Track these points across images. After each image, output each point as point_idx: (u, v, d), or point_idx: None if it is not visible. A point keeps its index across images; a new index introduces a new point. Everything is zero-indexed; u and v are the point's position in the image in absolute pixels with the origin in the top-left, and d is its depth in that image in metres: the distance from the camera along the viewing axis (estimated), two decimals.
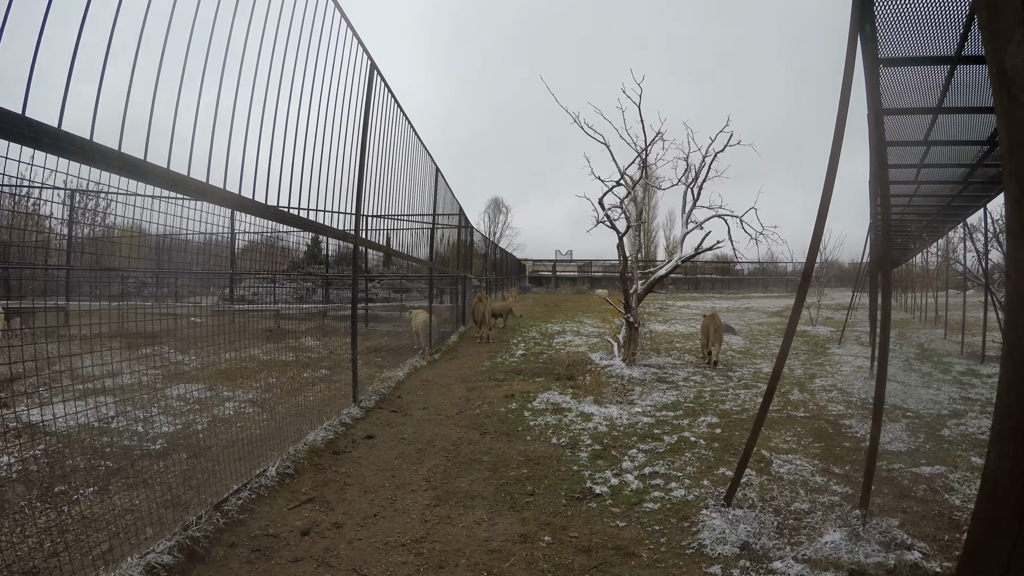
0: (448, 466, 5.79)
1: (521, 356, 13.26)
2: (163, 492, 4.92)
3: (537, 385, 9.48)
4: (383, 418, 7.64)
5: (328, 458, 6.08)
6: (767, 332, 19.15)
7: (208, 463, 5.57)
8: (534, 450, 6.20)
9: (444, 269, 16.93)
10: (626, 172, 11.19)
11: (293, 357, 11.91)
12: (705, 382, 9.94)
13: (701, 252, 11.77)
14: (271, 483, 5.27)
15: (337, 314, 20.62)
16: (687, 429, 6.96)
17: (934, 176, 9.87)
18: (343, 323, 19.25)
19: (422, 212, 12.40)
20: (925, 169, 9.29)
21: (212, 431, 6.82)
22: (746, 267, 61.68)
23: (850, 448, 6.29)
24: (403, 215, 10.78)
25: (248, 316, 14.07)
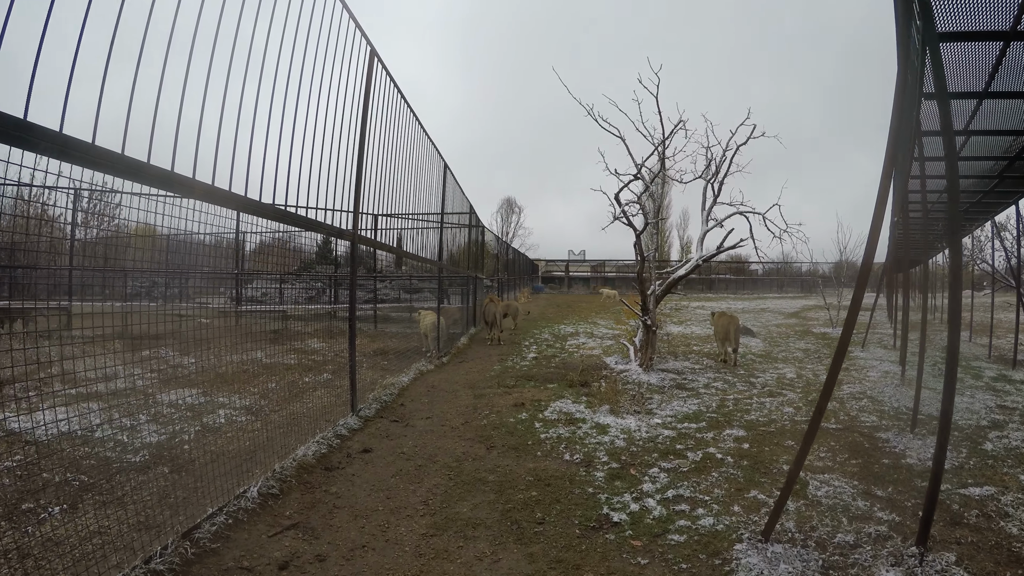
0: (449, 486, 5.25)
1: (533, 360, 12.72)
2: (137, 512, 4.45)
3: (549, 392, 8.92)
4: (383, 429, 7.12)
5: (319, 475, 5.57)
6: (786, 334, 18.50)
7: (190, 479, 5.14)
8: (545, 468, 5.64)
9: (453, 269, 16.42)
10: (644, 164, 10.61)
11: (296, 360, 11.41)
12: (727, 389, 9.35)
13: (723, 251, 11.17)
14: (252, 505, 4.78)
15: (346, 315, 20.18)
16: (712, 444, 6.38)
17: (967, 170, 9.24)
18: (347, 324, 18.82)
19: (429, 210, 11.86)
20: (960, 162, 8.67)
21: (199, 442, 6.36)
22: (760, 267, 60.97)
23: (890, 466, 5.70)
24: (409, 214, 10.27)
25: (254, 317, 13.73)
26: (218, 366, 8.49)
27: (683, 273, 11.36)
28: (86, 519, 4.30)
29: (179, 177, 3.73)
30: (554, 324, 21.27)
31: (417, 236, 12.86)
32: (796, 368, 11.56)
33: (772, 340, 16.75)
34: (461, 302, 18.34)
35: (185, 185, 3.85)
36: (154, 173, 3.49)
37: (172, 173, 3.66)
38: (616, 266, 62.34)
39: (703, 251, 11.52)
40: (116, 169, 3.24)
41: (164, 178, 3.59)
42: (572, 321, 22.67)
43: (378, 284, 22.48)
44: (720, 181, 11.29)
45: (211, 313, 13.84)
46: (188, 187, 3.90)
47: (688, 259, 11.93)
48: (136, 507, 4.54)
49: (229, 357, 8.81)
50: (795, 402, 8.44)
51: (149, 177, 3.48)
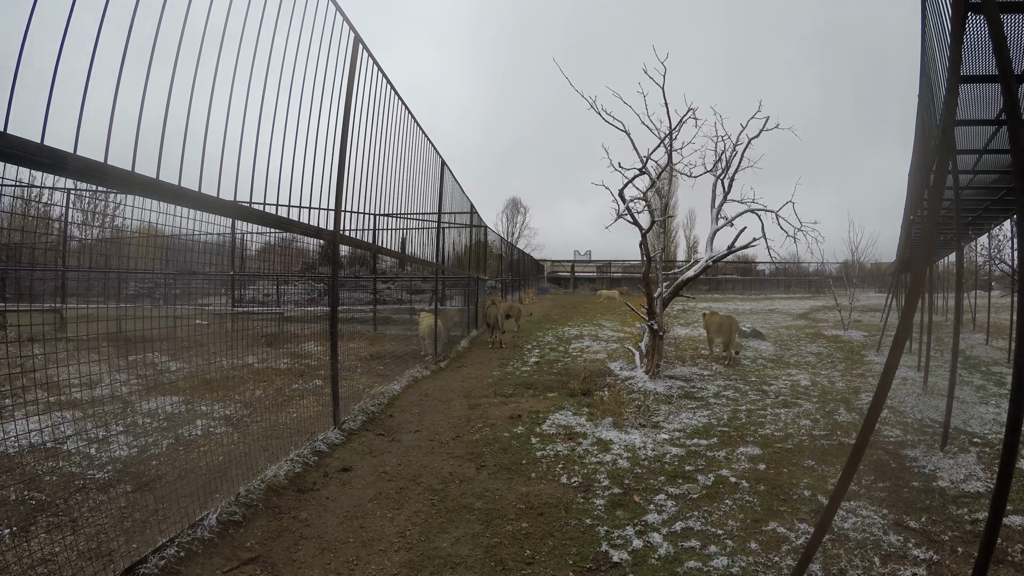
0: (431, 515, 4.70)
1: (534, 364, 12.17)
2: (90, 537, 4.05)
3: (548, 403, 8.36)
4: (366, 444, 6.57)
5: (290, 498, 5.04)
6: (796, 337, 17.86)
7: (151, 499, 4.77)
8: (538, 493, 5.07)
9: (452, 270, 15.89)
10: (650, 157, 10.00)
11: (288, 365, 10.88)
12: (739, 399, 8.77)
13: (735, 250, 10.57)
14: (210, 535, 4.25)
15: (347, 317, 19.75)
16: (724, 465, 5.78)
17: (995, 164, 8.65)
18: (350, 327, 18.36)
19: (425, 209, 11.32)
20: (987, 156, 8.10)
21: (169, 457, 5.90)
22: (768, 267, 60.33)
23: (921, 489, 5.11)
24: (402, 213, 9.73)
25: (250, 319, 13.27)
26: (206, 371, 8.11)
27: (692, 274, 10.78)
28: (34, 544, 3.91)
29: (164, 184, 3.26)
30: (558, 326, 20.71)
31: (415, 236, 12.35)
32: (810, 374, 10.95)
33: (783, 343, 16.13)
34: (463, 304, 17.84)
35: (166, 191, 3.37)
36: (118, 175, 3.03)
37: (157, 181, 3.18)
38: (622, 266, 61.73)
39: (712, 251, 10.93)
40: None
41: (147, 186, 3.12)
42: (577, 323, 22.10)
43: (378, 285, 21.98)
44: (731, 177, 10.73)
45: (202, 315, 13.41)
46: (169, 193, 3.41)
47: (696, 259, 11.35)
48: (90, 531, 4.15)
49: (218, 362, 8.39)
50: (812, 413, 7.85)
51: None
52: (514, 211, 73.45)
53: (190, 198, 4.06)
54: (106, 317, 4.83)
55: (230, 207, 4.61)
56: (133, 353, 10.25)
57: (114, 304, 13.27)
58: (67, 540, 4.00)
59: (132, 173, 3.45)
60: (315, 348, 13.40)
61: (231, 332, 10.52)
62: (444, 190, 12.69)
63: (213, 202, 4.36)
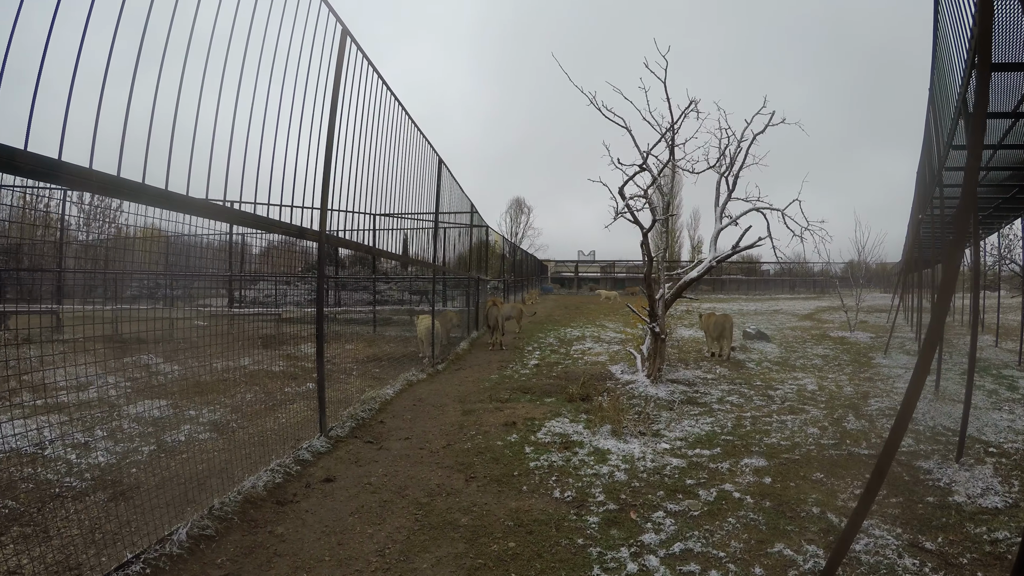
0: (413, 531, 4.41)
1: (534, 367, 11.88)
2: (59, 549, 3.87)
3: (545, 409, 8.06)
4: (353, 452, 6.29)
5: (268, 510, 4.77)
6: (802, 338, 17.50)
7: (127, 510, 4.53)
8: (529, 509, 4.77)
9: (450, 270, 15.61)
10: (650, 152, 9.65)
11: (282, 367, 10.62)
12: (743, 404, 8.45)
13: (739, 251, 10.24)
14: (179, 551, 3.99)
15: (346, 317, 19.53)
16: (728, 478, 5.45)
17: (1008, 160, 8.33)
18: (350, 328, 18.13)
19: (422, 209, 11.03)
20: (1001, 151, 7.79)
21: (151, 464, 5.65)
22: (772, 267, 59.98)
23: (936, 505, 4.79)
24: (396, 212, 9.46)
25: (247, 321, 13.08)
26: (198, 374, 7.92)
27: (696, 275, 10.45)
28: (1, 555, 3.71)
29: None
30: (561, 327, 20.41)
31: (412, 237, 12.08)
32: (816, 378, 10.63)
33: (788, 345, 15.79)
34: (464, 305, 17.57)
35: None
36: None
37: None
38: (626, 267, 61.43)
39: (716, 251, 10.60)
40: None
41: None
42: (579, 324, 21.80)
43: (377, 286, 21.74)
44: (735, 174, 10.40)
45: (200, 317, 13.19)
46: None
47: (700, 259, 11.03)
48: (60, 543, 3.97)
49: (212, 364, 8.19)
50: (819, 420, 7.52)
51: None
52: (518, 211, 73.23)
53: (152, 195, 3.78)
54: (101, 319, 4.67)
55: (200, 205, 4.33)
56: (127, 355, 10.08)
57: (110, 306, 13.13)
58: (37, 551, 3.82)
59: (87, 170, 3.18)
60: (311, 350, 13.18)
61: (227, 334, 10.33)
62: (442, 189, 12.40)
63: (180, 200, 4.08)
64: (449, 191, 13.48)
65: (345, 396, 8.60)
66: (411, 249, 12.75)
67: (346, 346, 14.87)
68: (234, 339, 10.00)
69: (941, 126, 8.17)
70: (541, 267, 58.81)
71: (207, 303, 17.29)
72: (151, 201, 3.85)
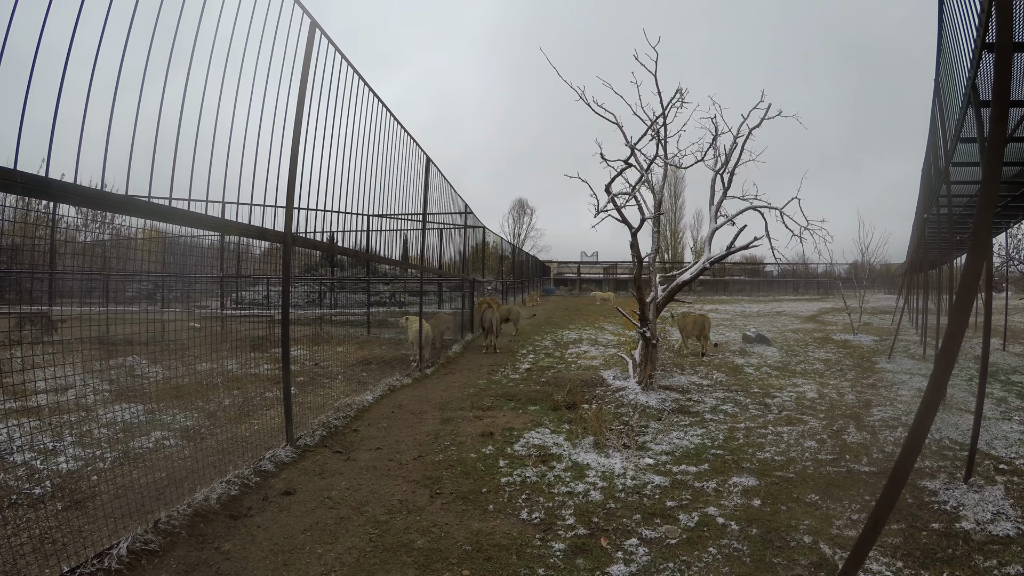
0: (365, 552, 4.06)
1: (525, 372, 11.53)
2: (6, 560, 3.64)
3: (527, 418, 7.69)
4: (319, 463, 5.95)
5: (220, 524, 4.47)
6: (804, 341, 17.10)
7: (81, 517, 4.40)
8: (491, 531, 4.39)
9: (438, 271, 15.30)
10: (637, 147, 9.27)
11: (268, 369, 10.32)
12: (738, 413, 8.07)
13: (733, 252, 9.84)
14: (117, 566, 3.71)
15: (341, 319, 19.28)
16: (713, 500, 5.02)
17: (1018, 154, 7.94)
18: (344, 329, 17.86)
19: (408, 209, 10.70)
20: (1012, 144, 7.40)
21: (114, 471, 5.41)
22: (776, 268, 59.54)
23: (942, 533, 4.36)
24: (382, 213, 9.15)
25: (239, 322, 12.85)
26: (181, 376, 7.67)
27: (688, 277, 10.07)
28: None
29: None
30: (559, 329, 20.06)
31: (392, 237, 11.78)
32: (817, 384, 10.24)
33: (789, 348, 15.39)
34: (459, 307, 17.26)
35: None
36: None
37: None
38: (629, 268, 60.92)
39: (710, 251, 10.21)
40: None
41: None
42: (578, 326, 21.45)
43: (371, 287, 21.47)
44: (730, 172, 10.02)
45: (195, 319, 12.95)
46: None
47: (696, 262, 10.67)
48: (7, 553, 3.71)
49: (197, 367, 7.95)
50: (818, 432, 7.13)
51: None
52: (520, 212, 72.97)
53: (88, 197, 3.48)
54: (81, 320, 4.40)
55: (142, 206, 4.01)
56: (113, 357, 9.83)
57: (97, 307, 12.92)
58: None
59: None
60: (300, 352, 12.90)
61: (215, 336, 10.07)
62: (431, 189, 12.07)
63: (118, 201, 3.77)
64: (439, 191, 13.14)
65: (324, 402, 8.30)
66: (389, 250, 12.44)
67: (337, 348, 14.60)
68: (221, 341, 9.75)
69: (948, 118, 7.80)
70: (543, 268, 58.48)
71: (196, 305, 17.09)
72: (81, 202, 3.54)
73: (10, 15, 2.90)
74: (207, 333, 10.44)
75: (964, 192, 10.54)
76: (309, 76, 6.15)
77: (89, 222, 12.33)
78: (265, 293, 19.12)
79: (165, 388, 7.76)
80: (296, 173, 6.06)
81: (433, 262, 14.57)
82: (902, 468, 2.43)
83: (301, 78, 6.07)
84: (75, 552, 3.72)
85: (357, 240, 18.14)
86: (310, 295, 21.07)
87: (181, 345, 8.98)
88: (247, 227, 5.33)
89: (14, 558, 3.66)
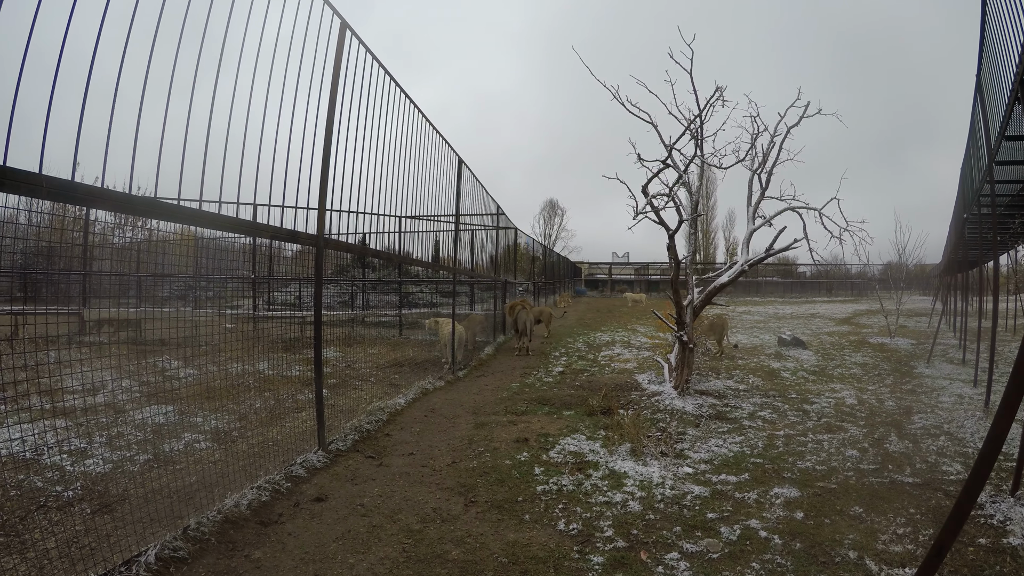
0: (398, 563, 3.97)
1: (558, 375, 11.40)
2: (32, 563, 3.68)
3: (563, 423, 7.56)
4: (351, 468, 5.89)
5: (250, 531, 4.41)
6: (839, 344, 16.70)
7: (110, 522, 4.36)
8: (528, 542, 4.28)
9: (472, 273, 15.21)
10: (674, 146, 9.06)
11: (300, 372, 10.33)
12: (776, 420, 7.85)
13: (773, 254, 9.60)
14: (145, 574, 3.67)
15: (374, 320, 19.31)
16: (755, 511, 4.85)
17: None
18: (375, 330, 17.87)
19: (440, 211, 10.63)
20: None
21: (144, 473, 5.41)
22: (808, 269, 58.51)
23: (989, 549, 4.13)
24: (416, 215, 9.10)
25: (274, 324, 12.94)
26: (215, 378, 7.67)
27: (726, 280, 9.84)
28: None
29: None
30: (591, 331, 19.89)
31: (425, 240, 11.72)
32: (855, 390, 9.94)
33: (825, 352, 15.04)
34: (491, 309, 17.18)
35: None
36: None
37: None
38: (660, 269, 60.38)
39: (748, 253, 9.97)
40: None
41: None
42: (610, 328, 21.25)
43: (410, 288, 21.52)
44: (768, 171, 9.78)
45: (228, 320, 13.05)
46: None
47: (734, 263, 10.42)
48: (35, 556, 3.77)
49: (229, 368, 7.96)
50: (859, 441, 6.90)
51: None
52: (551, 213, 72.76)
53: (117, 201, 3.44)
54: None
55: (171, 210, 3.96)
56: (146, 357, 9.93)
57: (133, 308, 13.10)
58: (9, 564, 3.66)
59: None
60: (332, 353, 12.89)
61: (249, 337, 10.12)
62: (463, 190, 11.99)
63: (147, 204, 3.74)
64: (471, 192, 13.07)
65: (356, 405, 8.26)
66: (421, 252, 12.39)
67: (370, 350, 14.59)
68: (255, 342, 9.79)
69: (991, 115, 7.49)
70: (574, 269, 58.24)
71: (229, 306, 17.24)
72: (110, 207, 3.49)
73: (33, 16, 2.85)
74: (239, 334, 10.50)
75: (1007, 192, 10.15)
76: (340, 77, 6.10)
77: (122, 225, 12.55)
78: (297, 294, 19.25)
79: (197, 389, 7.77)
80: (328, 175, 6.01)
81: (465, 263, 14.49)
82: (970, 490, 2.27)
83: (332, 79, 6.02)
84: (103, 558, 3.68)
85: (388, 241, 18.20)
86: (341, 296, 21.14)
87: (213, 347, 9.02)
88: (279, 230, 5.28)
89: (41, 563, 3.65)
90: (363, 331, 17.92)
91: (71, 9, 3.08)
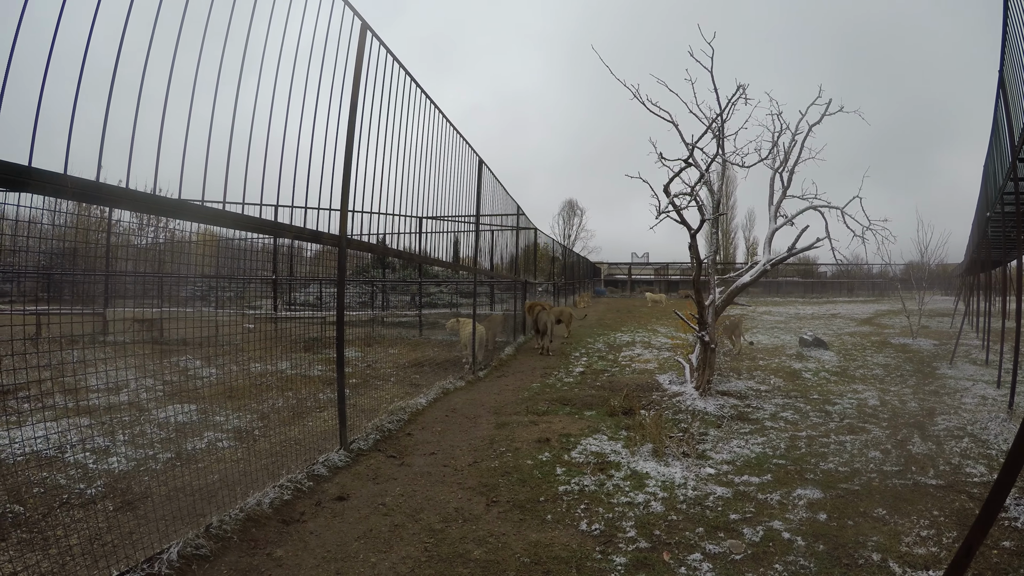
0: (420, 562, 3.98)
1: (579, 375, 11.38)
2: (55, 559, 3.72)
3: (584, 424, 7.55)
4: (373, 467, 5.91)
5: (272, 530, 4.44)
6: (861, 345, 16.50)
7: (133, 519, 4.43)
8: (550, 542, 4.28)
9: (491, 273, 15.21)
10: (696, 145, 8.98)
11: (321, 371, 10.41)
12: (799, 421, 7.78)
13: (795, 253, 9.52)
14: (168, 571, 3.71)
15: (394, 321, 19.38)
16: (777, 512, 4.82)
17: None
18: (396, 330, 17.94)
19: (461, 211, 10.65)
20: None
21: (166, 472, 5.45)
22: (829, 269, 57.91)
23: (1014, 552, 4.05)
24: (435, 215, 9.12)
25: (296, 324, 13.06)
26: (234, 377, 7.72)
27: (748, 280, 9.78)
28: None
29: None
30: (611, 331, 19.85)
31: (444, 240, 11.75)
32: (878, 391, 9.82)
33: (847, 353, 14.87)
34: (511, 309, 17.18)
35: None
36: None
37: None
38: (680, 269, 60.03)
39: (771, 253, 9.90)
40: None
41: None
42: (630, 328, 21.18)
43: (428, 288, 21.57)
44: (790, 170, 9.69)
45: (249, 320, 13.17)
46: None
47: (755, 263, 10.34)
48: (57, 552, 3.82)
49: (250, 367, 8.01)
50: (882, 442, 6.81)
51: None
52: (571, 213, 72.59)
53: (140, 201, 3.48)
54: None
55: (195, 210, 4.01)
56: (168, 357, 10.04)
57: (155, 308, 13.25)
58: (32, 560, 3.71)
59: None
60: (353, 353, 12.96)
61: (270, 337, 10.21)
62: (483, 191, 12.00)
63: (171, 204, 3.78)
64: (492, 193, 13.07)
65: (377, 404, 8.29)
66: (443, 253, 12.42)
67: (390, 350, 14.64)
68: (276, 342, 9.87)
69: (1014, 110, 7.36)
70: (594, 269, 58.09)
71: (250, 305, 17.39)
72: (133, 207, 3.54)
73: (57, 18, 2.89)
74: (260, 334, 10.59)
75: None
76: (361, 78, 6.12)
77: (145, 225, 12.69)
78: (317, 294, 19.38)
79: (219, 388, 7.84)
80: (350, 176, 6.04)
81: (485, 264, 14.51)
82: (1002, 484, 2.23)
83: (353, 81, 6.05)
84: (125, 555, 3.72)
85: (409, 242, 18.26)
86: (362, 296, 21.24)
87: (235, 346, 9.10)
88: (302, 230, 5.32)
89: (63, 559, 3.69)
90: (383, 331, 18.00)
91: (95, 12, 3.12)
